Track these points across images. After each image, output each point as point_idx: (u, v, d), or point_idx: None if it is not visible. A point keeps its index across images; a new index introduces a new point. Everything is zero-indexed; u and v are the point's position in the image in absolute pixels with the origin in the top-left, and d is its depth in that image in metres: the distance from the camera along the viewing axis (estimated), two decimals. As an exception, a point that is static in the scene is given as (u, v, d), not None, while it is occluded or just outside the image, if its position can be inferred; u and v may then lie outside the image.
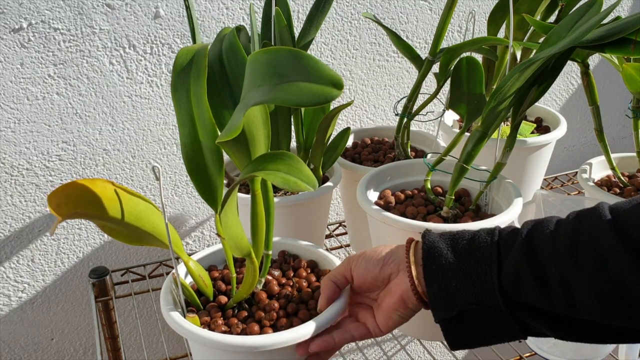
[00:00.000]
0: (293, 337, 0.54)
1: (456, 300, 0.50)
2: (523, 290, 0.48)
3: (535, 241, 0.48)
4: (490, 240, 0.50)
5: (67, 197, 0.50)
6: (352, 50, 1.00)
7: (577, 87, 1.23)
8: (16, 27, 0.79)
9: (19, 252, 0.91)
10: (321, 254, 0.67)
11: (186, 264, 0.60)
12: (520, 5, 0.80)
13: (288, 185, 0.47)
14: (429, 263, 0.52)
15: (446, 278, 0.51)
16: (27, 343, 0.97)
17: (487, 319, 0.50)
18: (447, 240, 0.53)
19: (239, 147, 0.54)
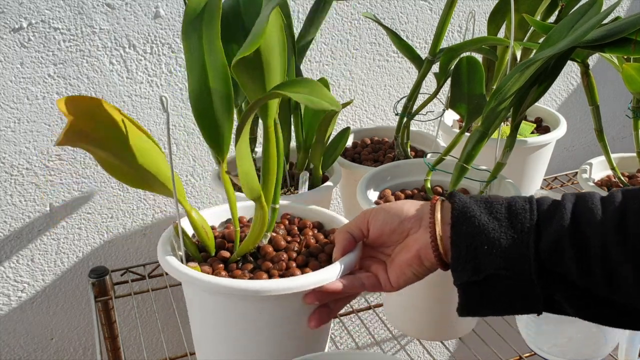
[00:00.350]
0: (320, 278, 0.52)
1: (485, 264, 0.48)
2: (561, 261, 0.46)
3: (580, 213, 0.47)
4: (529, 207, 0.49)
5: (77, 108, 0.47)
6: (352, 50, 1.00)
7: (577, 87, 1.23)
8: (16, 27, 0.79)
9: (18, 252, 0.91)
10: (327, 214, 0.65)
11: (188, 214, 0.57)
12: (521, 5, 0.80)
13: (312, 103, 0.46)
14: (459, 223, 0.49)
15: (477, 240, 0.48)
16: (27, 342, 0.97)
17: (512, 287, 0.48)
18: (480, 202, 0.50)
19: (255, 74, 0.52)
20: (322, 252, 0.59)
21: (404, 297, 0.75)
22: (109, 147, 0.50)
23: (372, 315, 1.18)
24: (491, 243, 0.48)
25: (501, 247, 0.48)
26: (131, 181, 0.54)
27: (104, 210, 0.93)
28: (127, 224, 0.95)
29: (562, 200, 0.49)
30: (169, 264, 0.54)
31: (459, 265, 0.49)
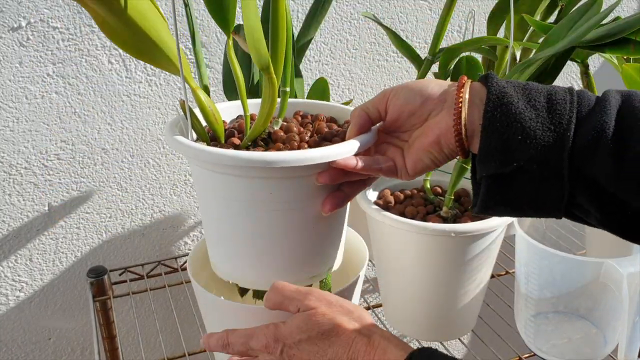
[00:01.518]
0: (334, 152, 0.47)
1: (516, 155, 0.44)
2: (595, 159, 0.43)
3: (623, 112, 0.43)
4: (569, 99, 0.45)
5: None
6: (351, 50, 1.00)
7: (577, 87, 1.23)
8: (15, 26, 0.79)
9: (17, 251, 0.90)
10: (340, 108, 0.62)
11: (195, 94, 0.52)
12: (520, 5, 0.80)
13: None
14: (494, 108, 0.44)
15: (511, 129, 0.44)
16: (25, 342, 0.97)
17: (538, 182, 0.44)
18: (518, 88, 0.46)
19: None
20: (336, 136, 0.54)
21: (404, 298, 0.75)
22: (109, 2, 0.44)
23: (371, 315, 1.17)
24: (526, 134, 0.44)
25: (536, 139, 0.44)
26: (132, 49, 0.49)
27: (103, 210, 0.93)
28: (126, 223, 0.95)
29: (606, 96, 0.45)
30: (177, 142, 0.49)
31: (487, 155, 0.45)
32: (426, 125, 0.49)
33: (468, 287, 0.72)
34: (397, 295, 0.76)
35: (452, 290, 0.71)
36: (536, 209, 0.46)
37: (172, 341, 1.04)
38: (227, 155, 0.46)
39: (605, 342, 0.74)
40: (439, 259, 0.69)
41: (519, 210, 0.46)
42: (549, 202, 0.45)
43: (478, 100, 0.46)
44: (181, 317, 1.01)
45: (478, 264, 0.71)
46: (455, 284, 0.70)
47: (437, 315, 0.74)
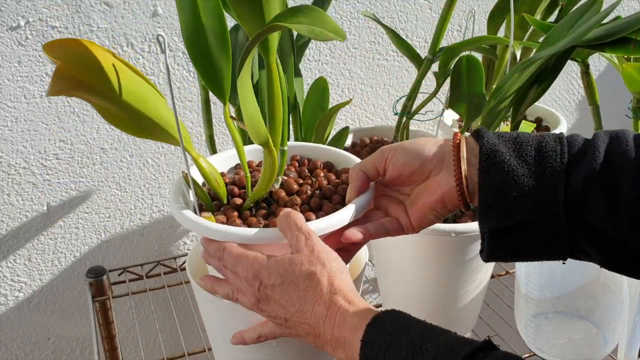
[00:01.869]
0: (334, 222, 0.51)
1: (513, 211, 0.46)
2: (589, 206, 0.45)
3: (612, 155, 0.45)
4: (559, 149, 0.46)
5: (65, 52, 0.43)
6: (351, 49, 1.00)
7: (577, 86, 1.22)
8: (14, 25, 0.79)
9: (16, 251, 0.90)
10: (337, 153, 0.64)
11: (197, 162, 0.55)
12: (521, 4, 0.80)
13: (314, 34, 0.43)
14: (487, 167, 0.47)
15: (506, 186, 0.46)
16: (24, 342, 0.97)
17: (538, 233, 0.46)
18: (509, 143, 0.48)
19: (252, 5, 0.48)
20: (335, 193, 0.57)
21: (403, 298, 0.75)
22: (104, 93, 0.47)
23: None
24: (520, 189, 0.46)
25: (531, 193, 0.46)
26: (133, 130, 0.51)
27: (102, 210, 0.92)
28: (125, 223, 0.95)
29: (594, 140, 0.47)
30: (185, 217, 0.53)
31: (486, 212, 0.47)
32: (428, 184, 0.52)
33: (468, 287, 0.72)
34: (397, 296, 0.76)
35: (452, 291, 0.71)
36: (540, 257, 0.48)
37: (172, 341, 1.04)
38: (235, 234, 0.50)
39: (605, 342, 0.74)
40: (439, 259, 0.69)
41: (525, 257, 0.49)
42: (552, 250, 0.47)
43: (474, 158, 0.49)
44: (180, 317, 1.01)
45: (478, 264, 0.71)
46: (455, 284, 0.70)
47: (437, 315, 0.74)
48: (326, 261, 0.48)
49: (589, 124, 1.32)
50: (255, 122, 0.52)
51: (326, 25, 0.45)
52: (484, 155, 0.47)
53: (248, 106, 0.51)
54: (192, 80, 0.90)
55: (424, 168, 0.51)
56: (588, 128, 1.30)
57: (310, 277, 0.47)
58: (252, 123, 0.52)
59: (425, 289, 0.72)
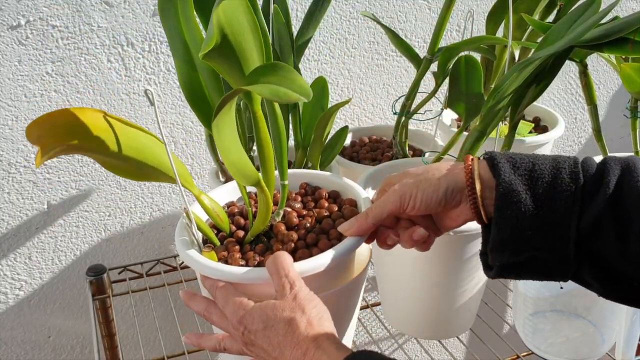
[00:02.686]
0: (305, 268, 0.52)
1: (526, 247, 0.48)
2: (599, 242, 0.47)
3: (624, 192, 0.46)
4: (574, 186, 0.48)
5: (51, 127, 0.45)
6: (350, 49, 1.00)
7: (576, 86, 1.23)
8: (14, 24, 0.79)
9: (16, 250, 0.90)
10: (344, 183, 0.65)
11: (198, 199, 0.57)
12: (519, 4, 0.80)
13: (278, 97, 0.44)
14: (503, 207, 0.49)
15: (521, 224, 0.48)
16: (24, 341, 0.97)
17: (547, 265, 0.49)
18: (524, 179, 0.49)
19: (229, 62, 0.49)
20: (333, 227, 0.58)
21: (402, 296, 0.76)
22: (99, 151, 0.49)
23: (369, 314, 1.18)
24: (535, 227, 0.48)
25: (544, 231, 0.48)
26: (134, 176, 0.54)
27: (102, 209, 0.93)
28: (125, 222, 0.95)
29: (606, 172, 0.48)
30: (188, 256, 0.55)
31: (499, 246, 0.50)
32: (450, 215, 0.55)
33: (466, 286, 0.72)
34: (396, 294, 0.77)
35: (451, 289, 0.72)
36: (544, 279, 0.51)
37: (172, 339, 1.04)
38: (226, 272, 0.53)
39: (603, 341, 0.75)
40: (437, 258, 0.69)
41: (529, 279, 0.52)
42: (556, 277, 0.50)
43: (488, 192, 0.51)
44: (180, 316, 1.01)
45: (476, 263, 0.71)
46: (453, 282, 0.71)
47: (436, 313, 0.74)
48: (306, 308, 0.49)
49: (587, 124, 1.33)
50: (239, 166, 0.54)
51: (293, 85, 0.45)
52: (500, 194, 0.49)
53: (228, 154, 0.52)
54: (192, 80, 0.91)
55: (446, 208, 0.54)
56: (586, 128, 1.31)
57: (289, 323, 0.48)
58: (236, 168, 0.53)
59: (423, 288, 0.72)
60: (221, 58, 0.48)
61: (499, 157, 0.51)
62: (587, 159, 0.50)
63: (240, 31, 0.48)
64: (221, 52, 0.45)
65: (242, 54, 0.49)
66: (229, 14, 0.45)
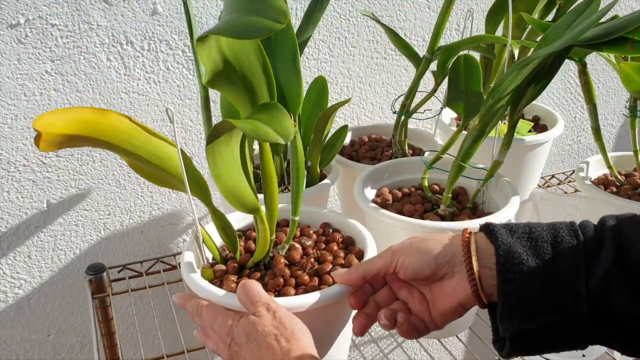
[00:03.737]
0: (295, 304, 0.53)
1: (536, 312, 0.46)
2: (612, 297, 0.44)
3: (626, 243, 0.45)
4: (576, 244, 0.46)
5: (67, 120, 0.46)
6: (350, 48, 1.00)
7: (575, 85, 1.23)
8: (13, 23, 0.79)
9: (15, 249, 0.90)
10: (362, 233, 0.65)
11: (211, 215, 0.59)
12: (519, 3, 0.80)
13: (257, 134, 0.45)
14: (506, 271, 0.46)
15: (527, 287, 0.45)
16: (24, 339, 0.97)
17: (561, 333, 0.46)
18: (523, 240, 0.47)
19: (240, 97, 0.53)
20: (328, 273, 0.59)
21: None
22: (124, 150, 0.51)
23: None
24: (542, 289, 0.45)
25: (552, 291, 0.45)
26: (156, 181, 0.56)
27: (101, 207, 0.93)
28: (125, 221, 0.95)
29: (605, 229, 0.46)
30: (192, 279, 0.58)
31: (507, 316, 0.47)
32: (444, 289, 0.51)
33: (466, 285, 0.72)
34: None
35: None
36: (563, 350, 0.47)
37: (171, 338, 1.05)
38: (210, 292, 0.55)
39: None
40: (436, 257, 0.69)
41: (547, 352, 0.48)
42: (575, 345, 0.47)
43: (487, 260, 0.48)
44: (180, 315, 1.01)
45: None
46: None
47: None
48: (287, 324, 0.50)
49: (586, 123, 1.33)
50: (235, 193, 0.55)
51: (278, 126, 0.47)
52: (502, 258, 0.46)
53: (224, 180, 0.53)
54: (192, 79, 0.91)
55: (436, 274, 0.51)
56: (585, 127, 1.31)
57: (270, 337, 0.49)
58: (232, 195, 0.55)
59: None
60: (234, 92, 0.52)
61: (494, 225, 0.49)
62: (584, 221, 0.48)
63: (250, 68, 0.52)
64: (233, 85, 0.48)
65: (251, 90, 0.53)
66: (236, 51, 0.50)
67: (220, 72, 0.50)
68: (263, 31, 0.42)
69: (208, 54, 0.49)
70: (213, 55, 0.49)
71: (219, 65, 0.50)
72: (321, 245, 0.64)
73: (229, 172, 0.54)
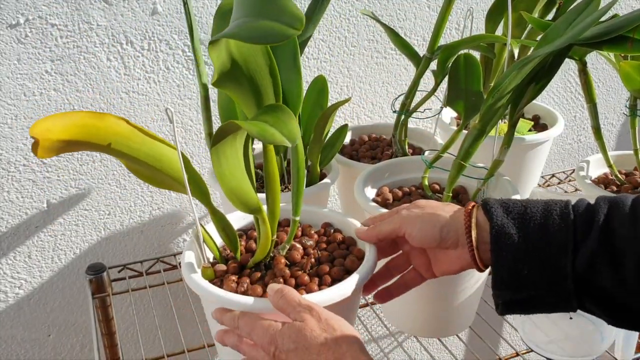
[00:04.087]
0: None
1: (526, 285, 0.51)
2: (597, 276, 0.48)
3: (613, 227, 0.48)
4: (565, 226, 0.50)
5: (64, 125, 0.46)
6: (350, 47, 1.00)
7: (575, 84, 1.23)
8: (13, 23, 0.79)
9: (15, 249, 0.90)
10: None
11: (211, 215, 0.59)
12: (518, 2, 0.80)
13: (264, 137, 0.45)
14: (498, 249, 0.51)
15: (517, 264, 0.51)
16: (24, 339, 0.97)
17: (549, 301, 0.51)
18: (516, 220, 0.51)
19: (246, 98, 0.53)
20: (328, 274, 0.59)
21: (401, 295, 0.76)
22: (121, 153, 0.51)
23: (369, 312, 1.18)
24: (530, 267, 0.50)
25: (540, 271, 0.50)
26: (155, 183, 0.56)
27: (102, 207, 0.93)
28: (125, 220, 0.95)
29: (595, 211, 0.50)
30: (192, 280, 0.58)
31: (500, 287, 0.52)
32: (449, 256, 0.57)
33: (466, 284, 0.72)
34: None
35: (450, 287, 0.72)
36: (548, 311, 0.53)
37: (172, 338, 1.05)
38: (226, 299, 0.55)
39: (602, 339, 0.75)
40: (437, 256, 0.69)
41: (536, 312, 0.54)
42: (561, 310, 0.52)
43: (484, 235, 0.53)
44: (180, 314, 1.01)
45: (476, 261, 0.71)
46: (453, 280, 0.71)
47: (435, 312, 0.74)
48: (335, 325, 0.50)
49: (587, 122, 1.33)
50: (238, 193, 0.55)
51: (284, 129, 0.47)
52: (494, 237, 0.51)
53: (228, 180, 0.54)
54: (192, 78, 0.91)
55: (442, 245, 0.56)
56: (586, 126, 1.31)
57: (322, 342, 0.49)
58: (235, 195, 0.55)
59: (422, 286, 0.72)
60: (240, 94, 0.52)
61: (492, 202, 0.53)
62: (579, 200, 0.52)
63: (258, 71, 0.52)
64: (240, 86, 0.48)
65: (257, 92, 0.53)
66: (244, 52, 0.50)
67: (227, 72, 0.50)
68: (279, 37, 0.42)
69: (218, 56, 0.48)
70: (222, 56, 0.49)
71: (226, 65, 0.50)
72: (322, 245, 0.64)
73: (233, 172, 0.54)
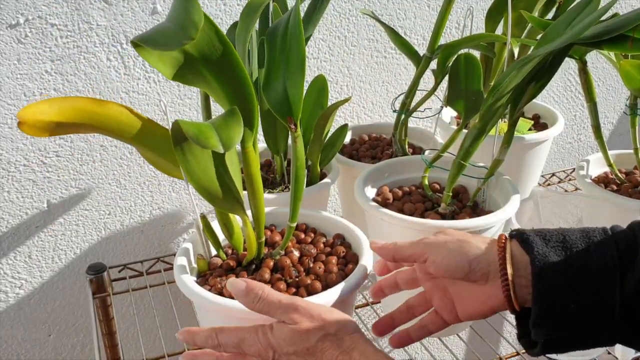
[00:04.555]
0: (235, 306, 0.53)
1: (570, 322, 0.46)
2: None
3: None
4: (610, 254, 0.46)
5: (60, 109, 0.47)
6: (349, 47, 1.00)
7: (575, 84, 1.23)
8: (13, 23, 0.79)
9: (16, 249, 0.90)
10: (356, 236, 0.65)
11: (215, 210, 0.59)
12: (518, 2, 0.80)
13: (197, 139, 0.44)
14: (541, 281, 0.47)
15: (562, 298, 0.46)
16: (25, 339, 0.97)
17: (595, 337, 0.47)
18: (558, 249, 0.47)
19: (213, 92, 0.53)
20: (305, 287, 0.59)
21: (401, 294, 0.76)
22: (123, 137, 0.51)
23: (369, 311, 1.18)
24: (577, 300, 0.46)
25: (588, 302, 0.46)
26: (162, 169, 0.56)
27: (102, 207, 0.93)
28: (125, 220, 0.95)
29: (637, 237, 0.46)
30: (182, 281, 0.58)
31: (541, 323, 0.47)
32: (477, 294, 0.51)
33: (466, 284, 0.72)
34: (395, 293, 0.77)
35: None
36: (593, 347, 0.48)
37: (172, 337, 1.05)
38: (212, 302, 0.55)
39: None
40: (437, 256, 0.69)
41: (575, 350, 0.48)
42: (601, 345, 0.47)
43: (522, 270, 0.48)
44: (181, 314, 1.01)
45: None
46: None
47: (436, 311, 0.74)
48: (330, 318, 0.48)
49: (587, 121, 1.33)
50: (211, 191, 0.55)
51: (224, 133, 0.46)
52: (537, 269, 0.47)
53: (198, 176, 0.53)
54: (192, 78, 0.91)
55: (469, 278, 0.51)
56: (586, 125, 1.31)
57: (322, 339, 0.47)
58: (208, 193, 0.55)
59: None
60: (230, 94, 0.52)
61: (529, 232, 0.49)
62: (614, 227, 0.48)
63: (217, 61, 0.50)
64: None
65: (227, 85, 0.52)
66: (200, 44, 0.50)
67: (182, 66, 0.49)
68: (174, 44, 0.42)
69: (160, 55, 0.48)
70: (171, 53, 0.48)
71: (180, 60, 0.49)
72: (322, 256, 0.63)
73: (203, 167, 0.53)
